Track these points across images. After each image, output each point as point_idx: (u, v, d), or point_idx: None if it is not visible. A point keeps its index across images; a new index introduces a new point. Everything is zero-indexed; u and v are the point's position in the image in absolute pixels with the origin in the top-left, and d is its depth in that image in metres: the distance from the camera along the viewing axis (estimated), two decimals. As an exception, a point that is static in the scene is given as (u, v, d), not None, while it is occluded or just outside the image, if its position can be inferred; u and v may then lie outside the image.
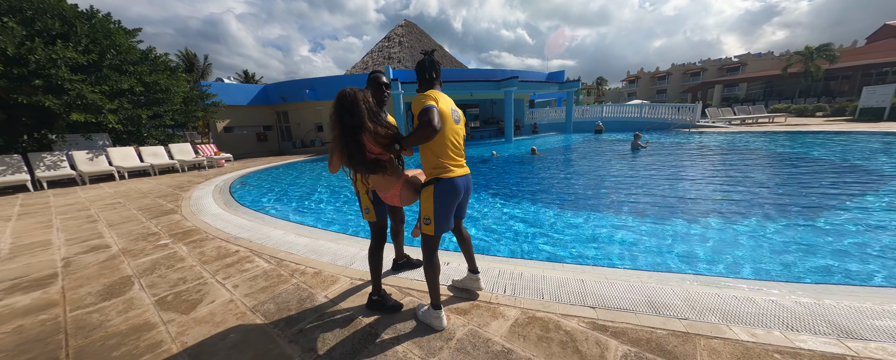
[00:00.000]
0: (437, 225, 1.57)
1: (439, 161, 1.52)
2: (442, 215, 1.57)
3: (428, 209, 1.57)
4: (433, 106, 1.39)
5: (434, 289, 1.63)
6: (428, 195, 1.56)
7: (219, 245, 2.95)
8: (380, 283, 1.83)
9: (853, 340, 1.43)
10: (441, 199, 1.54)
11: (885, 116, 12.32)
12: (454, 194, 1.55)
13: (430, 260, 1.61)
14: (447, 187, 1.53)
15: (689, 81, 46.73)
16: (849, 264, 2.41)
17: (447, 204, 1.56)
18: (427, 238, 1.62)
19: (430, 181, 1.55)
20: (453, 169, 1.54)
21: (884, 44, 25.59)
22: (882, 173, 4.96)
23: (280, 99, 16.07)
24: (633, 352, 1.43)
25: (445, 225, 1.60)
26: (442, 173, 1.52)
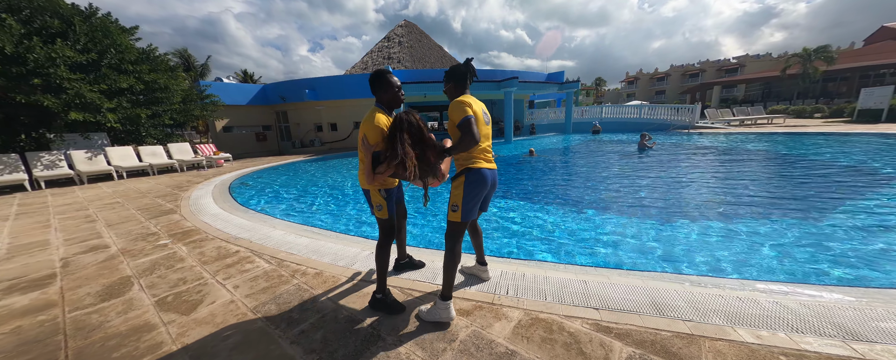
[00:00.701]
0: (465, 212, 1.65)
1: (470, 155, 1.64)
2: (470, 203, 1.65)
3: (457, 197, 1.64)
4: (472, 117, 1.51)
5: (449, 279, 1.66)
6: (458, 184, 1.65)
7: (219, 245, 2.93)
8: (385, 281, 1.82)
9: (858, 342, 1.43)
10: (470, 187, 1.63)
11: (884, 118, 12.38)
12: (483, 183, 1.65)
13: (453, 249, 1.65)
14: (477, 177, 1.63)
15: (688, 82, 46.87)
16: (852, 266, 2.40)
17: (476, 193, 1.65)
18: (453, 225, 1.67)
19: (462, 172, 1.64)
20: (482, 162, 1.65)
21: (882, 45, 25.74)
22: (882, 175, 4.97)
23: (279, 99, 16.05)
24: (638, 354, 1.42)
25: (472, 214, 1.67)
26: (472, 164, 1.63)
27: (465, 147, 1.50)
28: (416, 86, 12.81)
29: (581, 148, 10.91)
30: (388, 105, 1.78)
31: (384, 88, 1.74)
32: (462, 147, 1.51)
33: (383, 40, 21.66)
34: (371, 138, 1.64)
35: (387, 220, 1.81)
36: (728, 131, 12.80)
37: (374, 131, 1.63)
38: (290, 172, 8.83)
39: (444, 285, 1.67)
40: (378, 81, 1.74)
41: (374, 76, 1.75)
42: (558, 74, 17.57)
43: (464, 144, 1.49)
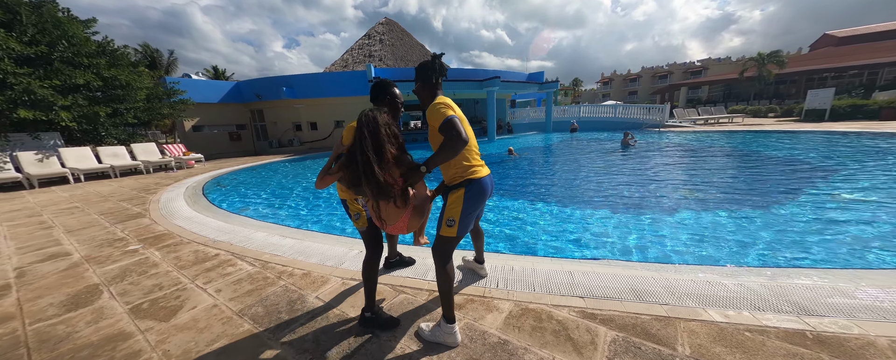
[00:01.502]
0: (462, 227, 1.46)
1: (465, 165, 1.46)
2: (468, 217, 1.47)
3: (455, 211, 1.44)
4: (455, 117, 1.31)
5: (448, 300, 1.47)
6: (457, 198, 1.45)
7: (196, 249, 2.79)
8: (374, 298, 1.65)
9: (810, 317, 1.59)
10: (471, 201, 1.45)
11: (827, 117, 13.65)
12: (483, 194, 1.49)
13: (444, 266, 1.47)
14: (477, 189, 1.45)
15: (658, 83, 49.44)
16: (803, 249, 2.66)
17: (476, 206, 1.48)
18: (446, 241, 1.48)
19: (461, 184, 1.45)
20: (479, 170, 1.48)
21: (824, 51, 28.37)
22: (826, 169, 5.50)
23: (255, 97, 15.38)
24: (621, 337, 1.51)
25: (467, 228, 1.50)
26: (473, 175, 1.45)
27: (453, 150, 1.29)
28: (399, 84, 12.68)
29: (565, 146, 11.25)
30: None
31: (380, 97, 1.60)
32: (450, 151, 1.29)
33: (364, 38, 21.26)
34: (345, 139, 1.45)
35: (367, 230, 1.63)
36: (695, 130, 13.65)
37: (349, 132, 1.43)
38: (269, 172, 8.50)
39: (445, 307, 1.48)
40: (378, 91, 1.61)
41: (375, 86, 1.62)
42: (538, 75, 18.01)
43: (451, 147, 1.28)
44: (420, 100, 1.56)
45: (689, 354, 1.38)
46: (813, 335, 1.46)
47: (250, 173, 8.43)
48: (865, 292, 1.77)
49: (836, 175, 4.98)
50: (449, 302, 1.47)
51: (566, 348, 1.45)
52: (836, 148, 7.41)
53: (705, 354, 1.37)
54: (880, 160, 5.83)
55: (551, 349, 1.44)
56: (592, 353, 1.41)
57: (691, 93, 34.48)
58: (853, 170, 5.23)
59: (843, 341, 1.41)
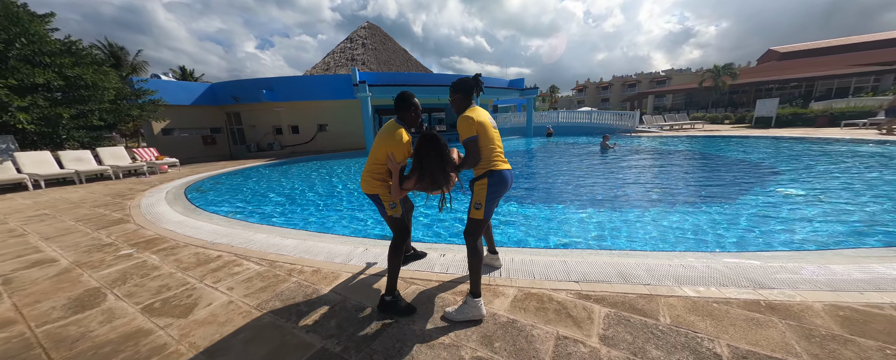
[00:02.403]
0: (487, 210, 1.75)
1: (490, 159, 1.76)
2: (492, 202, 1.75)
3: (481, 196, 1.73)
4: (476, 136, 1.70)
5: (476, 276, 1.71)
6: (482, 186, 1.74)
7: (195, 252, 2.77)
8: (396, 284, 1.79)
9: (763, 289, 1.90)
10: (493, 188, 1.73)
11: (773, 124, 15.20)
12: (504, 183, 1.76)
13: (475, 247, 1.72)
14: (498, 178, 1.73)
15: (628, 92, 52.53)
16: (757, 235, 3.06)
17: (498, 193, 1.76)
18: (475, 223, 1.74)
19: (484, 175, 1.74)
20: (500, 164, 1.76)
21: (769, 65, 31.53)
22: (773, 168, 6.21)
23: (231, 99, 14.82)
24: (613, 312, 1.73)
25: (491, 212, 1.79)
26: (493, 167, 1.74)
27: (472, 164, 1.72)
28: (385, 88, 12.77)
29: (548, 150, 11.76)
30: (410, 123, 1.87)
31: (407, 108, 1.83)
32: (469, 164, 1.73)
33: (346, 41, 21.13)
34: (400, 157, 1.76)
35: (400, 218, 1.85)
36: (662, 135, 14.71)
37: (403, 149, 1.76)
38: (252, 177, 8.27)
39: (473, 283, 1.72)
40: (404, 103, 1.84)
41: (400, 97, 1.85)
42: (519, 81, 18.68)
43: (470, 162, 1.72)
44: (454, 107, 1.87)
45: (670, 323, 1.62)
46: (765, 303, 1.75)
47: (232, 178, 8.15)
48: (805, 269, 2.12)
49: (780, 175, 5.66)
50: (477, 277, 1.71)
51: (567, 323, 1.65)
52: (780, 151, 8.34)
53: (683, 322, 1.62)
54: (815, 161, 6.66)
55: (555, 325, 1.64)
56: (590, 326, 1.62)
57: (657, 101, 36.98)
58: (794, 169, 5.96)
59: (788, 306, 1.71)
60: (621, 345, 1.47)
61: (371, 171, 1.83)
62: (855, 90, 22.38)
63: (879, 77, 22.49)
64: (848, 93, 22.05)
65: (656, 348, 1.44)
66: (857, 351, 1.36)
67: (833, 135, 10.33)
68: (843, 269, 2.06)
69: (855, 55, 27.36)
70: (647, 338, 1.50)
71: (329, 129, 16.13)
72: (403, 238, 1.85)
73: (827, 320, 1.57)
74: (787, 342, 1.43)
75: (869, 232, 3.01)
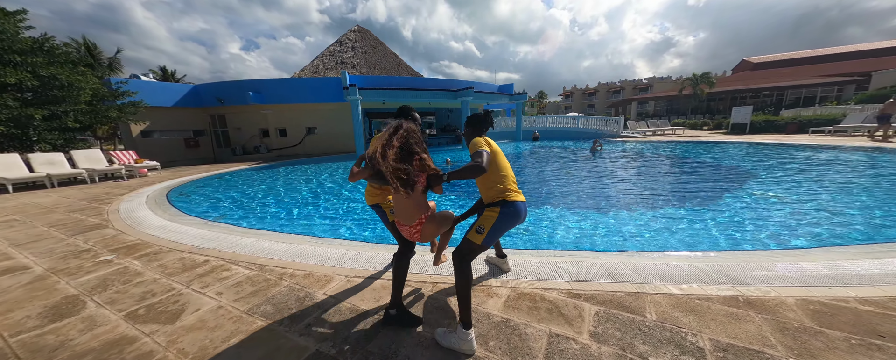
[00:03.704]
0: (488, 239, 1.59)
1: (502, 187, 1.67)
2: (497, 232, 1.61)
3: (488, 222, 1.61)
4: (485, 151, 1.58)
5: (466, 303, 1.48)
6: (493, 213, 1.63)
7: (181, 257, 2.68)
8: (401, 295, 1.70)
9: (741, 285, 2.00)
10: (504, 218, 1.62)
11: (747, 130, 15.98)
12: (517, 216, 1.65)
13: (463, 269, 1.52)
14: (512, 210, 1.63)
15: (612, 98, 54.14)
16: (735, 235, 3.21)
17: (508, 224, 1.64)
18: (470, 244, 1.59)
19: (497, 203, 1.65)
20: (515, 195, 1.67)
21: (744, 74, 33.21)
22: (748, 172, 6.53)
23: (216, 101, 14.46)
24: (603, 310, 1.79)
25: (492, 242, 1.63)
26: (508, 197, 1.65)
27: (472, 171, 1.50)
28: (375, 92, 12.75)
29: (538, 153, 11.97)
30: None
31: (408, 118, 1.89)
32: (469, 171, 1.50)
33: (335, 44, 21.01)
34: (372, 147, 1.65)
35: None
36: (645, 140, 15.22)
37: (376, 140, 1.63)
38: (238, 180, 8.06)
39: (462, 311, 1.49)
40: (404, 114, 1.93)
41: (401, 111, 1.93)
42: (508, 86, 19.00)
43: (471, 168, 1.50)
44: (467, 139, 1.83)
45: (656, 319, 1.69)
46: (743, 298, 1.85)
47: (217, 182, 7.92)
48: (778, 266, 2.25)
49: (755, 178, 5.96)
50: (466, 305, 1.48)
51: (559, 321, 1.70)
52: (754, 156, 8.78)
53: (667, 318, 1.69)
54: (788, 166, 7.05)
55: (547, 323, 1.68)
56: (581, 324, 1.67)
57: (640, 107, 38.25)
58: (767, 173, 6.29)
59: (764, 301, 1.81)
60: (611, 341, 1.52)
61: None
62: (820, 99, 23.82)
63: (842, 87, 24.04)
64: (814, 101, 23.44)
65: (643, 343, 1.50)
66: (825, 341, 1.45)
67: (803, 141, 10.94)
68: (813, 266, 2.20)
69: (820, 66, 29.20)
70: (635, 334, 1.56)
71: (318, 132, 15.93)
72: (406, 247, 1.79)
73: (799, 313, 1.67)
74: (763, 334, 1.52)
75: (835, 231, 3.21)
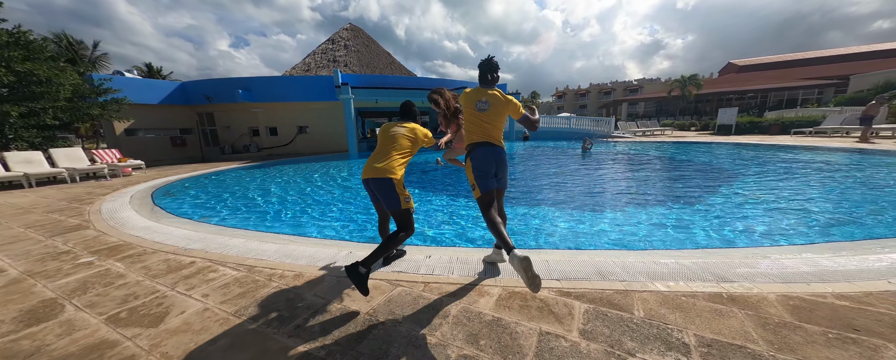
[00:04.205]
0: (482, 186, 1.99)
1: (469, 138, 2.11)
2: (481, 177, 2.00)
3: (470, 177, 2.03)
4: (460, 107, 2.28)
5: (500, 238, 1.89)
6: (468, 166, 2.05)
7: (166, 258, 2.62)
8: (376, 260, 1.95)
9: (725, 282, 2.05)
10: (476, 162, 2.01)
11: (733, 131, 16.41)
12: (482, 157, 2.02)
13: (488, 217, 1.94)
14: (476, 154, 2.03)
15: (604, 99, 54.91)
16: (720, 233, 3.29)
17: (483, 166, 2.02)
18: (479, 201, 2.01)
19: (466, 155, 2.08)
20: (479, 141, 2.06)
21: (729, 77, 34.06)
22: (734, 171, 6.71)
23: (204, 99, 14.16)
24: (592, 308, 1.82)
25: (486, 184, 2.00)
26: (470, 146, 2.07)
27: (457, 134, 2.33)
28: (368, 90, 12.66)
29: (531, 153, 12.05)
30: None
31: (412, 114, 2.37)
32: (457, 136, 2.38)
33: (327, 42, 20.78)
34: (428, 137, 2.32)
35: (410, 213, 2.10)
36: (635, 141, 15.49)
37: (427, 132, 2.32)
38: (227, 180, 7.90)
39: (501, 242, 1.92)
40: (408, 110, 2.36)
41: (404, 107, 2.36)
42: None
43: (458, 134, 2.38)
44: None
45: (643, 316, 1.72)
46: (727, 295, 1.90)
47: (205, 181, 7.75)
48: (760, 263, 2.31)
49: (740, 177, 6.12)
50: (501, 237, 1.89)
51: (549, 319, 1.71)
52: (740, 156, 9.02)
53: (655, 315, 1.72)
54: (772, 165, 7.26)
55: (538, 322, 1.70)
56: (571, 322, 1.69)
57: (631, 108, 38.90)
58: (752, 172, 6.47)
59: (746, 297, 1.86)
60: (600, 338, 1.54)
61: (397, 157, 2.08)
62: (802, 101, 24.61)
63: (822, 90, 24.88)
64: (796, 103, 24.20)
65: (631, 339, 1.52)
66: (804, 336, 1.50)
67: (786, 142, 11.28)
68: (793, 263, 2.27)
69: (802, 69, 30.14)
70: (623, 331, 1.59)
71: (310, 131, 15.74)
72: (408, 232, 2.06)
73: (779, 309, 1.72)
74: (745, 329, 1.56)
75: (815, 229, 3.32)
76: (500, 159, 2.08)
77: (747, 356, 1.38)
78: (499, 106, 2.07)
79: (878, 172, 5.91)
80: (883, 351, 1.38)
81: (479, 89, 2.10)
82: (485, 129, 2.07)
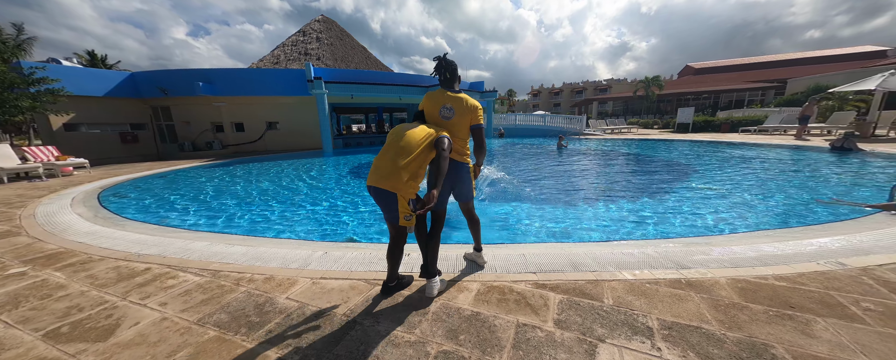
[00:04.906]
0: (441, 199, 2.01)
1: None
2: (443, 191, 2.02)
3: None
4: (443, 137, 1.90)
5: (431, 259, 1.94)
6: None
7: (115, 266, 2.38)
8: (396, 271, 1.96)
9: (684, 269, 2.21)
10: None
11: (690, 129, 17.72)
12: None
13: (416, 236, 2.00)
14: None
15: (576, 98, 57.09)
16: (680, 223, 3.55)
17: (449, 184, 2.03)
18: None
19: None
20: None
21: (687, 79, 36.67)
22: (689, 166, 7.25)
23: (158, 91, 13.00)
24: (566, 298, 1.89)
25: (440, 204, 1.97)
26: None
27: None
28: (343, 86, 12.24)
29: (509, 150, 12.27)
30: None
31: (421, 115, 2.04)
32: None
33: (298, 34, 19.80)
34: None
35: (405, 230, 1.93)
36: (605, 138, 16.28)
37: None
38: (187, 179, 7.33)
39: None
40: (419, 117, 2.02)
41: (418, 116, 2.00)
42: (479, 84, 19.23)
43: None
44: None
45: (612, 304, 1.82)
46: (685, 281, 2.05)
47: (161, 181, 7.14)
48: (714, 250, 2.52)
49: (697, 172, 6.64)
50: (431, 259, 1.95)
51: (526, 311, 1.76)
52: (695, 151, 9.77)
53: (622, 302, 1.83)
54: (721, 161, 7.94)
55: (515, 314, 1.74)
56: (546, 312, 1.75)
57: (601, 107, 40.75)
58: (706, 166, 7.03)
59: (701, 282, 2.02)
60: (573, 327, 1.61)
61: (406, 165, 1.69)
62: (748, 102, 27.06)
63: (765, 92, 27.50)
64: (743, 104, 26.58)
65: (601, 326, 1.60)
66: (749, 314, 1.66)
67: (734, 139, 12.36)
68: (741, 249, 2.49)
69: (748, 73, 33.11)
70: (594, 319, 1.67)
71: (280, 127, 15.00)
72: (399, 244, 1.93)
73: (729, 291, 1.89)
74: (701, 312, 1.70)
75: (760, 218, 3.67)
76: (458, 176, 1.98)
77: (702, 336, 1.51)
78: (464, 114, 1.91)
79: (810, 166, 6.65)
80: (813, 325, 1.56)
81: (442, 92, 1.93)
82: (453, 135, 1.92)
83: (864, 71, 15.26)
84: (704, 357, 1.38)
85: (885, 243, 2.46)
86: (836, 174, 5.79)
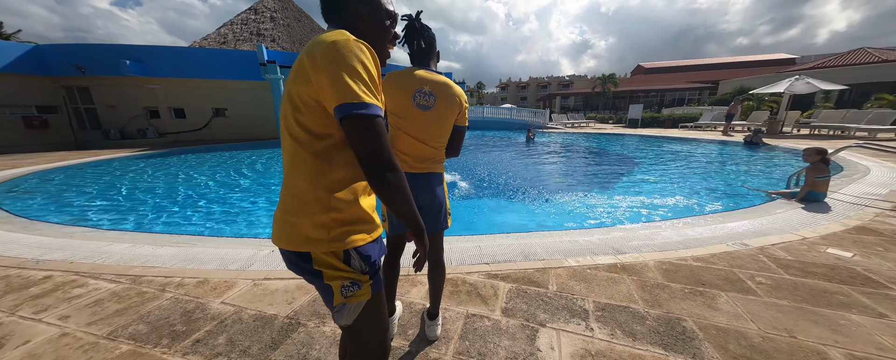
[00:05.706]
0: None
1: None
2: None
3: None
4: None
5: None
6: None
7: (3, 275, 2.01)
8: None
9: (621, 254, 2.41)
10: None
11: (639, 125, 19.30)
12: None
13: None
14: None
15: (541, 92, 59.16)
16: (623, 211, 3.86)
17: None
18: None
19: None
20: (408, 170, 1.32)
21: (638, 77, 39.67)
22: (636, 158, 7.91)
23: (74, 69, 11.12)
24: (515, 287, 1.96)
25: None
26: None
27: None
28: (298, 71, 11.38)
29: (476, 142, 12.39)
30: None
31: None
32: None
33: (249, 11, 17.97)
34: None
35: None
36: (565, 131, 17.13)
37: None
38: (111, 172, 6.42)
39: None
40: None
41: None
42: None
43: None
44: None
45: (556, 290, 1.92)
46: (621, 265, 2.23)
47: (77, 174, 6.18)
48: (647, 235, 2.77)
49: (641, 164, 7.26)
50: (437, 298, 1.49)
51: (476, 301, 1.80)
52: (640, 146, 10.68)
53: (565, 288, 1.94)
54: (660, 154, 8.77)
55: (466, 305, 1.77)
56: (495, 302, 1.80)
57: (563, 101, 42.70)
58: (650, 159, 7.72)
59: (634, 265, 2.21)
60: (518, 314, 1.67)
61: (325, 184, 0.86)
62: (687, 101, 30.06)
63: (701, 92, 30.70)
64: (684, 103, 29.47)
65: (544, 312, 1.69)
66: (669, 293, 1.85)
67: (675, 134, 13.68)
68: (667, 234, 2.77)
69: (689, 74, 36.67)
70: (538, 305, 1.75)
71: (229, 114, 13.67)
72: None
73: (655, 273, 2.09)
74: (630, 292, 1.86)
75: (687, 204, 4.12)
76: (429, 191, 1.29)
77: (629, 315, 1.65)
78: (450, 105, 1.24)
79: (732, 159, 7.58)
80: (718, 299, 1.78)
81: (412, 71, 1.22)
82: (421, 139, 1.24)
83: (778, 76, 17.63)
84: (629, 334, 1.51)
85: (778, 226, 2.89)
86: (747, 165, 6.67)
